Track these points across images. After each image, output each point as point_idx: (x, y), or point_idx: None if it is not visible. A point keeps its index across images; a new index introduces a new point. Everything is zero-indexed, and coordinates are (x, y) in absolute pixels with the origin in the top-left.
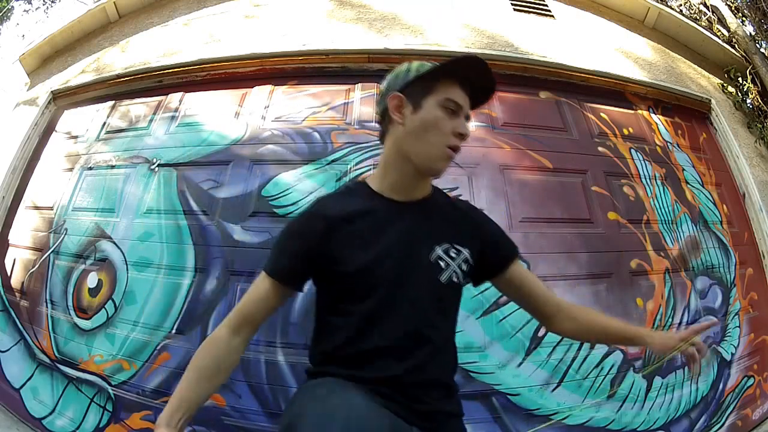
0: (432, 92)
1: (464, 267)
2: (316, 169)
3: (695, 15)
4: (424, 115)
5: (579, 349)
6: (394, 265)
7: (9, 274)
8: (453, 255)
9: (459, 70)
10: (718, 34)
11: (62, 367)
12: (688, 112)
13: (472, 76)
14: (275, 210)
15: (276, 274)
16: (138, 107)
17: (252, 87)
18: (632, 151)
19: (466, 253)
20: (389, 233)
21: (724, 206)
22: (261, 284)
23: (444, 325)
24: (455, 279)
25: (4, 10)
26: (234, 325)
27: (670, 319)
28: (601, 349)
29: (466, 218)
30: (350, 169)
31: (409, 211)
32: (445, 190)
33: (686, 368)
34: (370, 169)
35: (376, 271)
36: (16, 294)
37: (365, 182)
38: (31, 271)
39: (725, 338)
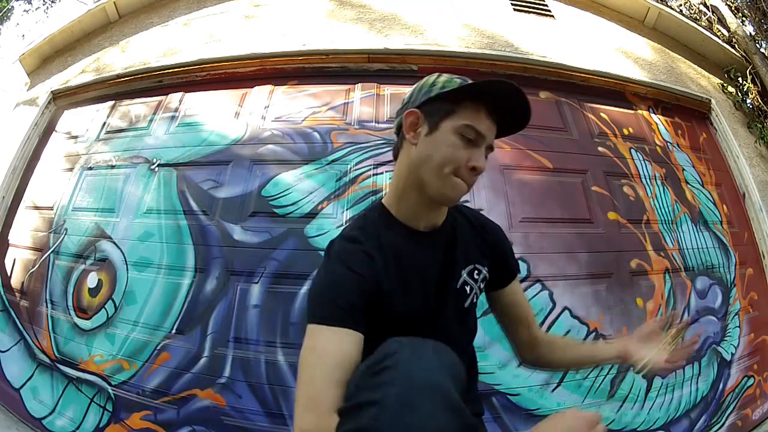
0: (452, 114)
1: (482, 285)
2: (316, 169)
3: (695, 15)
4: (439, 139)
5: None
6: (433, 305)
7: (9, 274)
8: (476, 276)
9: (487, 93)
10: (718, 34)
11: (62, 367)
12: (688, 112)
13: (503, 103)
14: (275, 210)
15: (348, 321)
16: (138, 107)
17: (252, 87)
18: (632, 151)
19: (485, 271)
20: (423, 272)
21: (724, 206)
22: (333, 341)
23: (469, 345)
24: (475, 300)
25: (4, 10)
26: (337, 404)
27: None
28: None
29: (482, 234)
30: (350, 169)
31: (433, 244)
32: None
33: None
34: (370, 169)
35: (418, 310)
36: (16, 294)
37: (384, 207)
38: (31, 271)
39: (725, 338)
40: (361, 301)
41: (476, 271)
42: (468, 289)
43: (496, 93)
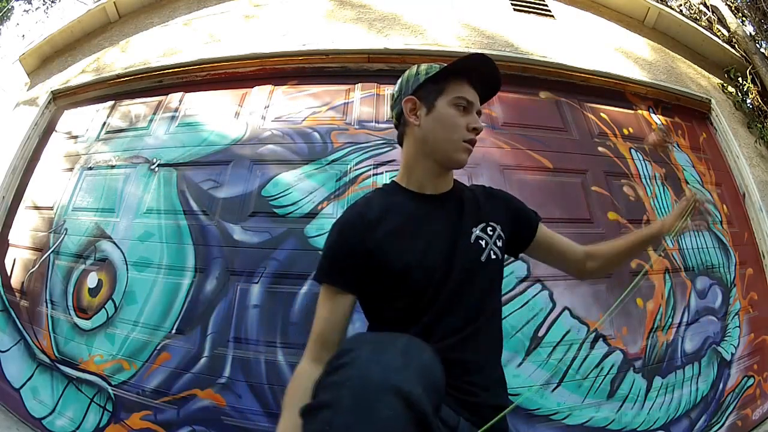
0: (443, 92)
1: (499, 243)
2: (316, 169)
3: (695, 15)
4: (439, 114)
5: (579, 349)
6: (440, 257)
7: (9, 274)
8: (489, 232)
9: (466, 68)
10: (718, 34)
11: (62, 367)
12: (688, 112)
13: (479, 73)
14: (275, 210)
15: (327, 278)
16: (138, 107)
17: (252, 87)
18: (632, 151)
19: (498, 229)
20: (430, 225)
21: (724, 206)
22: (323, 300)
23: (490, 305)
24: (493, 255)
25: (4, 10)
26: (314, 355)
27: (670, 319)
28: (601, 349)
29: (491, 198)
30: (350, 169)
31: (441, 202)
32: None
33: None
34: (370, 169)
35: (423, 263)
36: (16, 294)
37: (394, 182)
38: (31, 271)
39: (725, 338)
40: (349, 261)
41: (489, 228)
42: (483, 243)
43: (473, 66)
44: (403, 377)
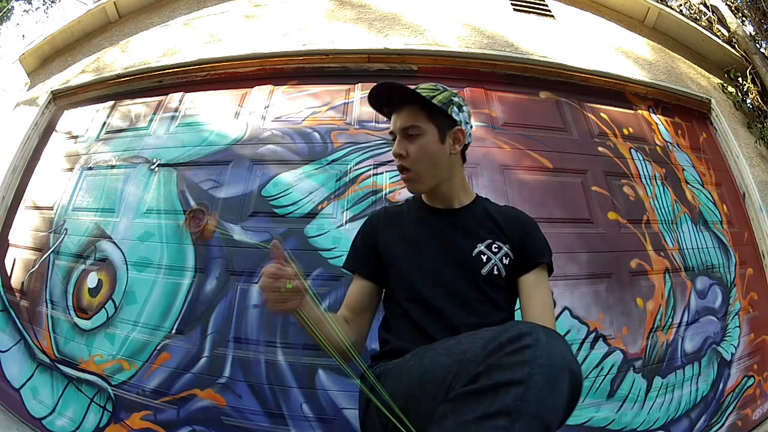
0: None
1: (505, 261)
2: (316, 169)
3: (695, 15)
4: None
5: (579, 349)
6: (432, 258)
7: (9, 274)
8: (495, 250)
9: (375, 102)
10: (718, 34)
11: (62, 367)
12: (688, 112)
13: (382, 102)
14: (275, 210)
15: (349, 266)
16: (138, 107)
17: (252, 87)
18: (632, 151)
19: (506, 248)
20: (428, 231)
21: (724, 206)
22: (353, 281)
23: (496, 318)
24: (496, 272)
25: (4, 10)
26: (343, 312)
27: (670, 319)
28: (601, 349)
29: (511, 219)
30: (350, 169)
31: (448, 216)
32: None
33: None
34: (370, 169)
35: (415, 263)
36: (16, 294)
37: (420, 196)
38: (31, 271)
39: (725, 338)
40: (368, 251)
41: (495, 246)
42: (484, 258)
43: (375, 98)
44: (573, 358)
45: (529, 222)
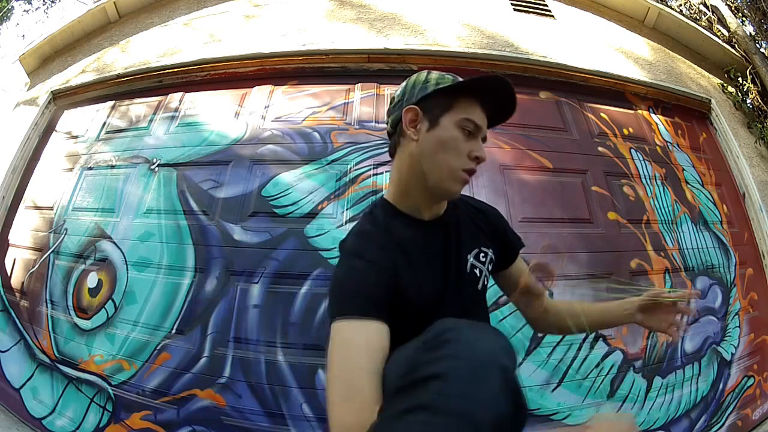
0: (450, 109)
1: (490, 267)
2: (316, 169)
3: (695, 15)
4: (441, 134)
5: (579, 349)
6: (446, 293)
7: (9, 274)
8: (482, 259)
9: (482, 89)
10: (718, 34)
11: (62, 367)
12: (688, 112)
13: (495, 96)
14: (275, 210)
15: (373, 312)
16: (138, 107)
17: (252, 87)
18: (632, 151)
19: (491, 253)
20: (430, 257)
21: (724, 206)
22: (358, 339)
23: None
24: (486, 282)
25: (4, 10)
26: (369, 404)
27: None
28: (601, 349)
29: (484, 218)
30: (350, 169)
31: (437, 229)
32: None
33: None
34: (370, 169)
35: (434, 296)
36: (16, 294)
37: (388, 203)
38: (31, 271)
39: (725, 338)
40: (383, 292)
41: (482, 254)
42: (477, 272)
43: (491, 88)
44: (502, 353)
45: (498, 214)
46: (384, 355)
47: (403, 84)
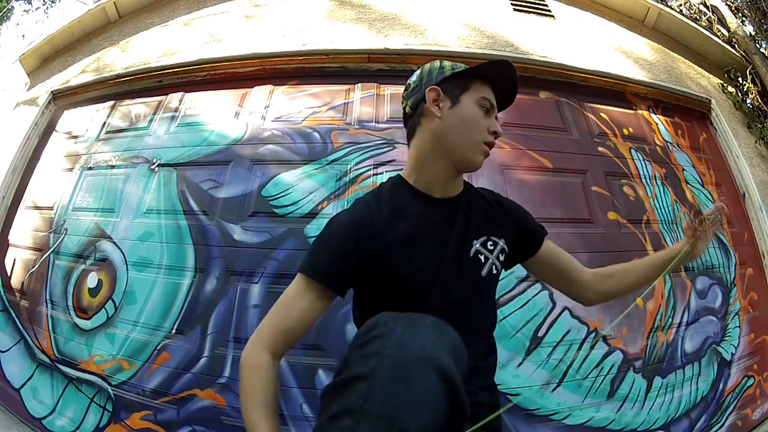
0: (468, 89)
1: (501, 257)
2: (316, 169)
3: (695, 15)
4: (463, 110)
5: (579, 349)
6: (444, 268)
7: (9, 274)
8: (490, 247)
9: (493, 73)
10: (718, 34)
11: (62, 367)
12: (688, 112)
13: (503, 80)
14: (275, 210)
15: (319, 275)
16: (138, 107)
17: (252, 87)
18: (632, 151)
19: (501, 243)
20: (436, 236)
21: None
22: (298, 291)
23: (487, 317)
24: (494, 271)
25: (4, 10)
26: (274, 350)
27: (670, 319)
28: (601, 349)
29: (498, 208)
30: (350, 169)
31: (449, 209)
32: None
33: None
34: (370, 169)
35: (426, 275)
36: (16, 294)
37: (401, 177)
38: (31, 271)
39: (725, 338)
40: (349, 262)
41: (489, 242)
42: (482, 258)
43: (501, 72)
44: (439, 351)
45: (517, 206)
46: (303, 319)
47: (419, 71)
